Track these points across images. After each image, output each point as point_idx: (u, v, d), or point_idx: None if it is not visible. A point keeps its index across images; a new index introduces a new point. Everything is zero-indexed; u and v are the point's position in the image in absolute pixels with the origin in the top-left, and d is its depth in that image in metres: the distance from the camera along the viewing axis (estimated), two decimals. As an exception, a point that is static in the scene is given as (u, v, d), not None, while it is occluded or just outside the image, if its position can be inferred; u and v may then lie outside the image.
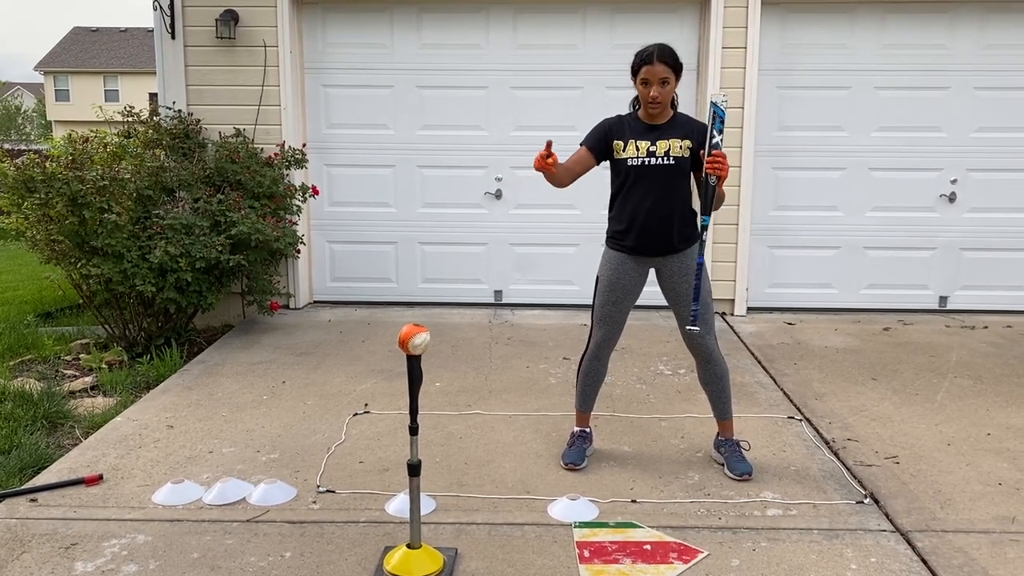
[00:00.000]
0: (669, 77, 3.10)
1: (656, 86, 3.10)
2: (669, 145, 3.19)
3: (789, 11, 6.02)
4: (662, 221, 3.23)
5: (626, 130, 3.24)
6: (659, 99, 3.12)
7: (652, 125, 3.22)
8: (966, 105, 6.10)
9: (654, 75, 3.09)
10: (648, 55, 3.10)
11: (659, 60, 3.08)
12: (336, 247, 6.48)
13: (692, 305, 3.23)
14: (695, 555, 2.72)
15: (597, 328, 3.38)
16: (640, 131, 3.22)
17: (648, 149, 3.19)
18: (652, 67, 3.09)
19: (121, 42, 41.38)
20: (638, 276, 3.34)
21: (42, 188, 4.77)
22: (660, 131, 3.21)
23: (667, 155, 3.18)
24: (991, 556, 2.72)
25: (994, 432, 3.83)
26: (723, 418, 3.44)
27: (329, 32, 6.21)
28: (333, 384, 4.51)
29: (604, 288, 3.34)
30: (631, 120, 3.26)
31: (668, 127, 3.22)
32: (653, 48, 3.11)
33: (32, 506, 3.05)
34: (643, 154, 3.19)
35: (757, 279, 6.31)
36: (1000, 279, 6.29)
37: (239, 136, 5.84)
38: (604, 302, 3.35)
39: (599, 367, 3.46)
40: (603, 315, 3.35)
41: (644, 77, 3.12)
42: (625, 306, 3.35)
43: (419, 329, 2.55)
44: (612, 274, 3.33)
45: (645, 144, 3.19)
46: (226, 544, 2.78)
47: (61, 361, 5.11)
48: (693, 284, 3.27)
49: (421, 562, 2.57)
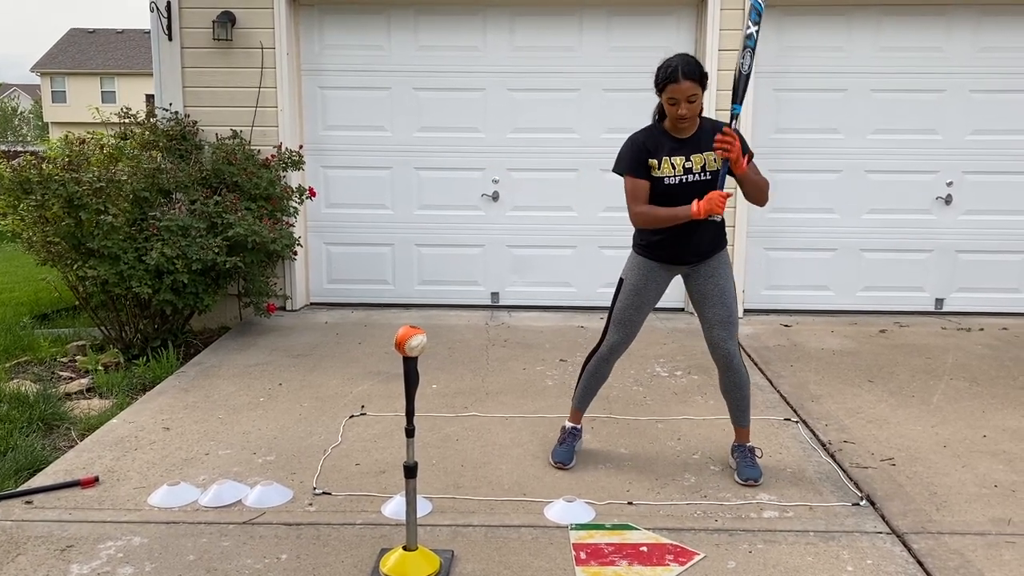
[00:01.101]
0: (696, 93, 2.99)
1: (684, 104, 3.00)
2: (704, 160, 3.13)
3: (786, 14, 6.03)
4: (698, 234, 3.21)
5: (658, 146, 3.14)
6: (688, 116, 3.03)
7: (682, 139, 3.14)
8: (962, 107, 6.12)
9: (681, 93, 2.97)
10: (672, 71, 2.96)
11: (685, 77, 2.95)
12: (333, 249, 6.48)
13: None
14: (691, 557, 2.72)
15: (614, 330, 3.36)
16: (673, 147, 3.13)
17: (684, 166, 3.12)
18: (678, 85, 2.96)
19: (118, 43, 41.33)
20: (664, 283, 3.34)
21: (38, 189, 4.76)
22: (692, 144, 3.13)
23: (703, 171, 3.13)
24: (987, 558, 2.73)
25: (990, 434, 3.84)
26: (739, 425, 3.41)
27: (326, 34, 6.21)
28: (329, 386, 4.51)
29: (629, 292, 3.32)
30: (659, 134, 3.16)
31: (698, 139, 3.13)
32: (677, 63, 2.97)
33: (28, 508, 3.04)
34: (680, 172, 3.13)
35: (754, 281, 6.32)
36: (996, 281, 6.31)
37: (236, 138, 5.84)
38: (627, 306, 3.32)
39: (606, 369, 3.45)
40: (623, 318, 3.33)
41: (671, 96, 3.00)
42: (645, 312, 3.35)
43: (416, 331, 2.55)
44: (639, 280, 3.30)
45: (680, 160, 3.12)
46: (222, 546, 2.78)
47: (57, 363, 5.10)
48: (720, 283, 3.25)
49: (417, 564, 2.57)
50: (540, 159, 6.28)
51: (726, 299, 3.25)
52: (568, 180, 6.29)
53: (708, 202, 2.98)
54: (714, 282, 3.26)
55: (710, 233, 3.23)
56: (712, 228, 3.23)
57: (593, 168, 6.22)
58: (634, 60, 6.11)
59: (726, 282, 3.26)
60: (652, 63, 3.22)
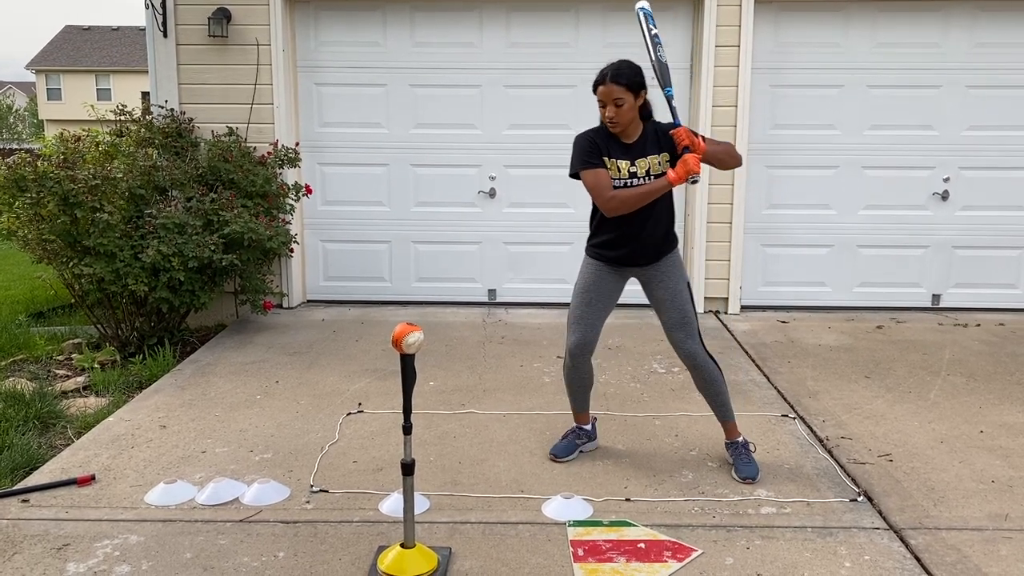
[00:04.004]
0: (623, 97, 3.07)
1: (611, 106, 3.08)
2: (648, 164, 3.17)
3: (782, 9, 6.02)
4: (646, 238, 3.23)
5: (608, 147, 3.19)
6: (615, 119, 3.10)
7: (628, 144, 3.19)
8: (958, 103, 6.12)
9: (608, 96, 3.08)
10: (602, 76, 3.09)
11: (612, 80, 3.06)
12: (329, 246, 6.47)
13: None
14: (689, 553, 2.72)
15: (570, 332, 3.36)
16: (619, 150, 3.18)
17: (629, 170, 3.17)
18: (605, 87, 3.08)
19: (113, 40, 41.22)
20: (616, 285, 3.35)
21: (33, 187, 4.75)
22: (637, 149, 3.18)
23: (648, 175, 3.17)
24: (984, 553, 2.73)
25: (987, 430, 3.84)
26: (724, 420, 3.41)
27: (322, 30, 6.19)
28: (327, 383, 4.50)
29: (578, 291, 3.34)
30: (608, 135, 3.21)
31: (643, 143, 3.18)
32: (608, 68, 3.09)
33: (24, 507, 3.04)
34: (625, 175, 3.17)
35: (750, 277, 6.32)
36: (992, 277, 6.31)
37: (232, 135, 5.82)
38: (576, 305, 3.34)
39: (582, 370, 3.42)
40: (575, 317, 3.34)
41: (600, 98, 3.11)
42: (599, 309, 3.33)
43: (413, 328, 2.54)
44: (589, 280, 3.32)
45: (626, 164, 3.17)
46: (219, 544, 2.78)
47: (53, 361, 5.09)
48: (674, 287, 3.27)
49: (415, 561, 2.57)
50: (537, 156, 6.27)
51: (678, 301, 3.26)
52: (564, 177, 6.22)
53: (683, 164, 2.98)
54: (665, 286, 3.28)
55: (660, 232, 3.25)
56: (662, 227, 3.25)
57: (590, 165, 6.21)
58: (630, 56, 6.07)
59: (677, 284, 3.26)
60: (647, 60, 3.23)
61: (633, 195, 3.09)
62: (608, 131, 3.19)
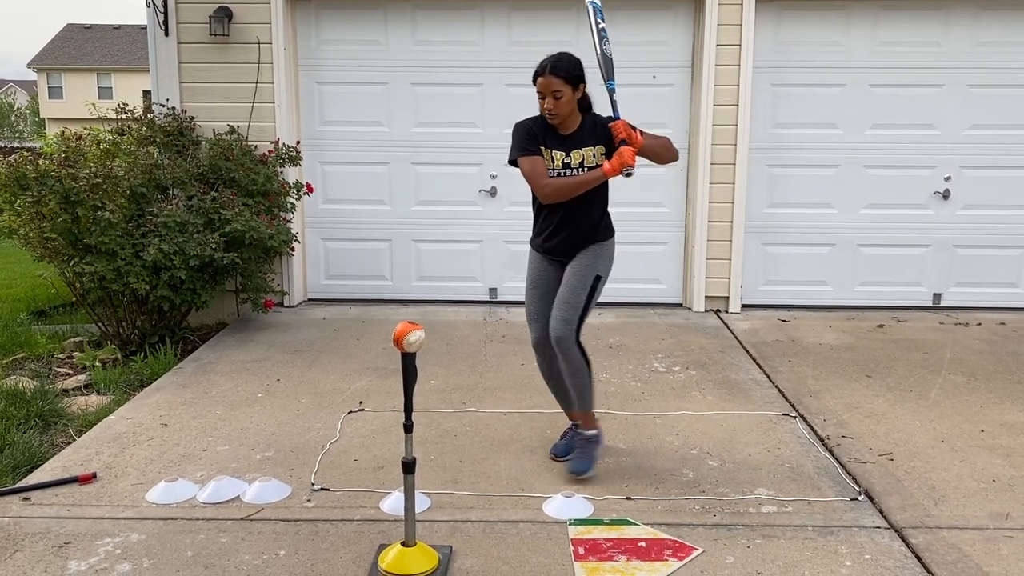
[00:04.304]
0: (561, 89, 3.09)
1: (549, 98, 3.11)
2: (583, 155, 3.19)
3: (783, 8, 6.02)
4: (579, 228, 3.26)
5: (545, 136, 3.22)
6: (553, 111, 3.12)
7: (565, 135, 3.21)
8: (959, 102, 6.11)
9: (547, 87, 3.11)
10: (542, 67, 3.12)
11: (551, 73, 3.09)
12: (330, 245, 6.47)
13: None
14: (690, 552, 2.72)
15: (529, 329, 3.40)
16: (555, 141, 3.21)
17: (563, 161, 3.19)
18: (544, 79, 3.11)
19: (114, 39, 41.21)
20: (560, 275, 3.36)
21: (35, 186, 4.75)
22: (573, 140, 3.21)
23: (582, 166, 3.19)
24: (985, 552, 2.73)
25: (988, 429, 3.84)
26: (579, 410, 3.37)
27: (323, 29, 6.19)
28: (328, 382, 4.50)
29: (528, 287, 3.40)
30: (546, 126, 3.23)
31: (580, 135, 3.21)
32: (548, 60, 3.12)
33: (25, 505, 3.04)
34: (559, 166, 3.20)
35: (751, 276, 6.32)
36: (993, 276, 6.31)
37: (233, 133, 5.82)
38: (529, 299, 3.39)
39: (548, 369, 3.44)
40: (530, 313, 3.39)
41: (539, 90, 3.13)
42: (549, 302, 3.34)
43: (414, 327, 2.55)
44: (534, 274, 3.38)
45: (560, 155, 3.20)
46: (220, 542, 2.78)
47: (54, 359, 5.09)
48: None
49: (416, 560, 2.57)
50: (538, 154, 6.26)
51: (572, 282, 3.24)
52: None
53: (618, 157, 3.01)
54: (571, 267, 3.28)
55: (592, 223, 3.26)
56: (594, 218, 3.26)
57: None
58: (631, 55, 6.09)
59: (583, 268, 3.25)
60: (650, 58, 3.24)
61: (567, 184, 3.13)
62: (546, 121, 3.22)
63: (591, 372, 3.30)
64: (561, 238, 3.28)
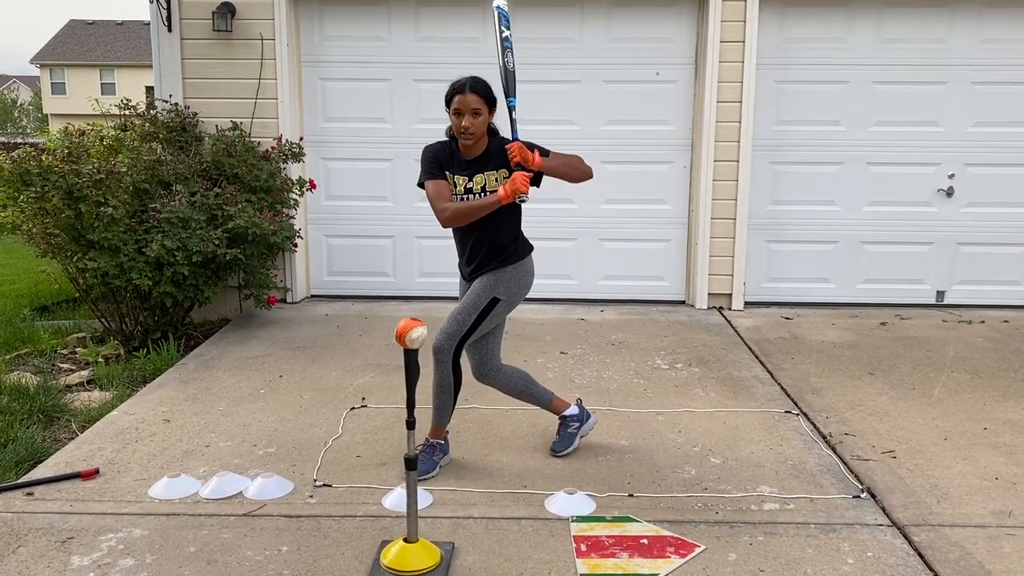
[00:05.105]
0: (481, 108, 3.09)
1: (468, 116, 3.09)
2: (485, 179, 3.19)
3: (787, 5, 6.00)
4: (489, 251, 3.25)
5: (450, 161, 3.22)
6: (471, 130, 3.10)
7: (469, 159, 3.20)
8: (964, 99, 6.10)
9: (466, 105, 3.08)
10: (461, 85, 3.10)
11: (471, 91, 3.08)
12: (333, 241, 6.47)
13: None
14: (692, 549, 2.72)
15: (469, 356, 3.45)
16: (460, 166, 3.21)
17: (466, 186, 3.19)
18: (464, 97, 3.08)
19: (117, 35, 41.22)
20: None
21: (38, 181, 4.76)
22: (477, 165, 3.20)
23: (484, 191, 3.18)
24: (987, 550, 2.73)
25: (991, 427, 3.84)
26: (436, 422, 3.37)
27: (326, 25, 6.19)
28: (330, 378, 4.51)
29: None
30: (451, 151, 3.23)
31: (484, 159, 3.20)
32: (466, 80, 3.12)
33: (28, 500, 3.05)
34: (461, 191, 3.20)
35: (754, 274, 6.31)
36: (997, 274, 6.30)
37: (236, 130, 5.82)
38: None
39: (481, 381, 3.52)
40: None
41: (456, 107, 3.11)
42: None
43: (416, 323, 2.55)
44: (460, 292, 3.42)
45: (463, 180, 3.20)
46: (223, 538, 2.78)
47: (57, 355, 5.10)
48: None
49: (418, 556, 2.57)
50: (541, 151, 6.26)
51: (467, 300, 3.25)
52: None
53: (512, 183, 3.01)
54: (474, 286, 3.28)
55: (495, 250, 3.24)
56: (498, 245, 3.24)
57: (594, 160, 6.19)
58: (635, 52, 6.09)
59: (481, 288, 3.24)
60: (653, 55, 3.23)
61: (465, 208, 3.12)
62: (451, 147, 3.23)
63: (457, 392, 3.33)
64: (475, 262, 3.28)
